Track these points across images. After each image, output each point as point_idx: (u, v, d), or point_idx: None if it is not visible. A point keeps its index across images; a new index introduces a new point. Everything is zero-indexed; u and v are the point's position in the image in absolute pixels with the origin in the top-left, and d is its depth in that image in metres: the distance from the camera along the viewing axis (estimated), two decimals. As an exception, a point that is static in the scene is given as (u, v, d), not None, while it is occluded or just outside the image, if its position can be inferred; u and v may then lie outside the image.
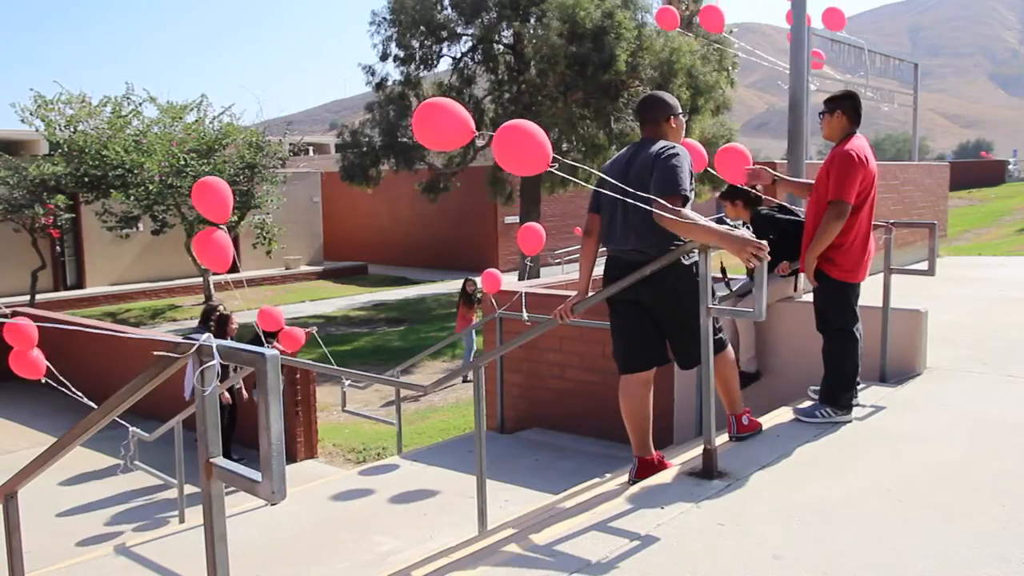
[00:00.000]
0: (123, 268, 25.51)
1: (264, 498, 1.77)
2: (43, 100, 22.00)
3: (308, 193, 29.89)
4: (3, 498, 2.98)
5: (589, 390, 7.18)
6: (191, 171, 21.53)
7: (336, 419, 10.58)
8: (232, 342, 1.86)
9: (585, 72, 18.54)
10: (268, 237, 23.64)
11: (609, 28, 18.36)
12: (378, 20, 20.90)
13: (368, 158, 21.07)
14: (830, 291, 4.58)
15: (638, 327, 4.11)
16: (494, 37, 20.73)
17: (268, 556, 5.03)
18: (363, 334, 18.12)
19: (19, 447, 8.88)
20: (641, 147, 4.07)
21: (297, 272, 28.47)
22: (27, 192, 21.17)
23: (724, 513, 3.43)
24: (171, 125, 23.29)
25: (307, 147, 33.97)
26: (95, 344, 10.81)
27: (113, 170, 21.22)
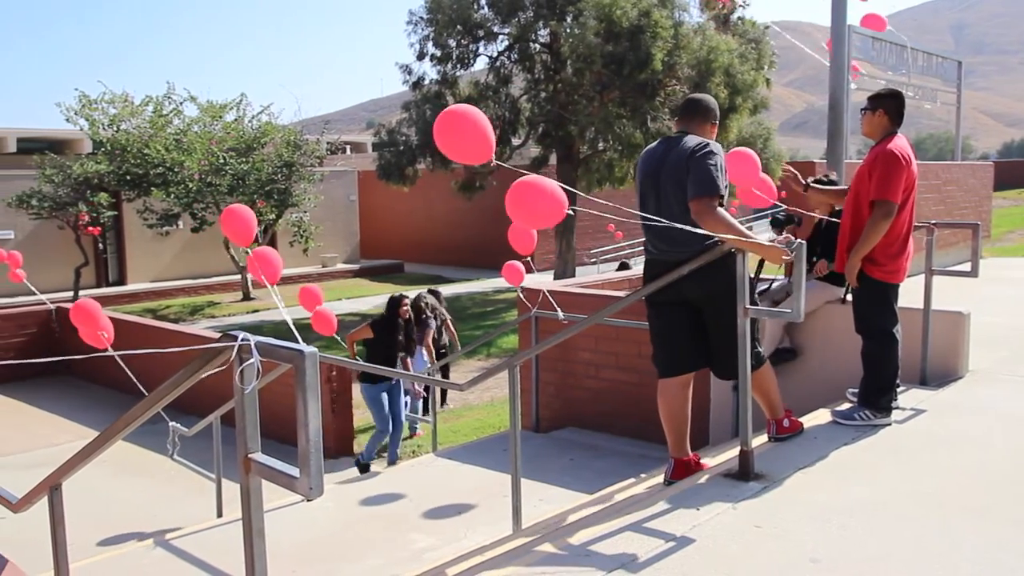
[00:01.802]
0: (163, 265, 25.87)
1: (302, 494, 1.78)
2: (87, 100, 22.38)
3: (345, 192, 30.10)
4: (48, 490, 3.03)
5: (624, 390, 7.15)
6: (230, 169, 21.79)
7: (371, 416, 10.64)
8: (274, 340, 1.88)
9: (621, 71, 18.47)
10: (305, 235, 23.84)
11: (645, 27, 18.27)
12: (415, 20, 20.99)
13: (404, 157, 21.16)
14: (871, 292, 4.52)
15: (678, 329, 4.09)
16: (530, 36, 20.72)
17: (303, 552, 5.07)
18: (399, 332, 18.20)
19: (62, 440, 9.04)
20: (674, 142, 4.04)
21: (333, 270, 28.68)
22: (71, 190, 21.55)
23: (761, 515, 3.40)
24: (211, 124, 23.59)
25: (344, 146, 34.23)
26: (138, 339, 10.97)
27: (154, 168, 21.53)
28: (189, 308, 22.60)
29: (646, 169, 4.01)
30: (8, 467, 7.82)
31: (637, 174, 4.10)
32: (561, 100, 20.20)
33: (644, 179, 4.07)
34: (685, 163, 3.87)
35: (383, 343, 8.23)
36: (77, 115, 22.36)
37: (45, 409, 10.54)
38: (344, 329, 7.97)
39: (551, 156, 21.98)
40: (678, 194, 3.89)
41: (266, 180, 22.35)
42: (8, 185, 22.32)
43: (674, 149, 3.98)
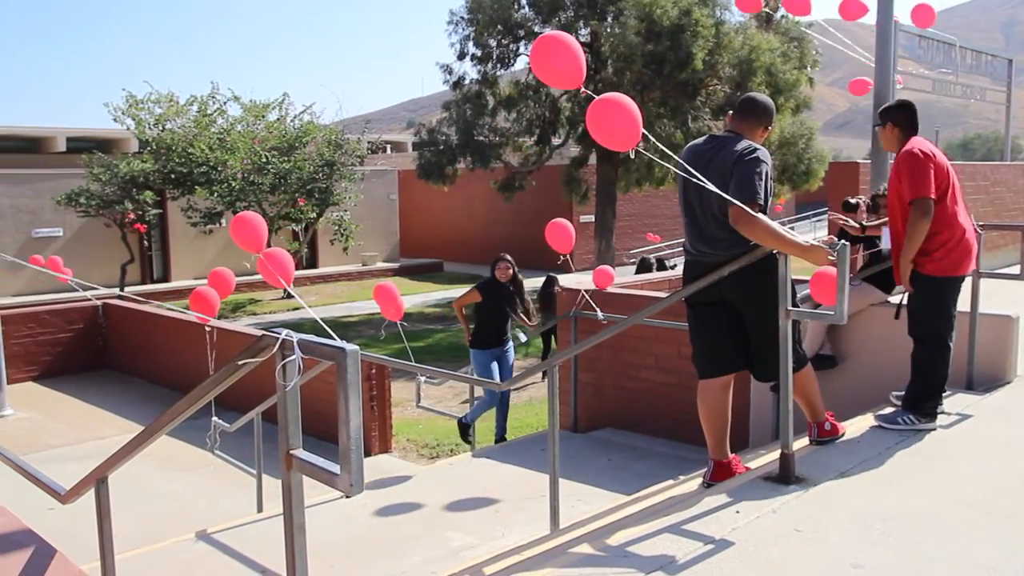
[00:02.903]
0: (206, 262, 26.20)
1: (342, 490, 1.80)
2: (134, 100, 22.77)
3: (385, 191, 30.27)
4: (95, 482, 3.09)
5: (664, 391, 7.12)
6: (272, 168, 22.03)
7: (410, 414, 10.70)
8: (315, 337, 1.90)
9: (662, 71, 18.37)
10: (345, 234, 24.02)
11: (686, 26, 18.15)
12: (456, 19, 21.05)
13: (445, 156, 21.24)
14: (923, 289, 4.44)
15: (718, 330, 4.06)
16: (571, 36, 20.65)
17: (341, 548, 5.11)
18: (438, 331, 18.29)
19: (108, 434, 9.20)
20: (722, 142, 4.01)
21: (373, 269, 28.86)
22: (118, 188, 21.94)
23: (802, 519, 3.36)
24: (254, 123, 23.88)
25: (385, 145, 34.46)
26: (181, 335, 11.14)
27: (198, 167, 21.84)
28: (231, 305, 22.87)
29: (692, 165, 3.99)
30: (56, 459, 7.97)
31: (680, 173, 4.07)
32: (601, 100, 20.11)
33: (687, 179, 4.04)
34: (731, 166, 3.83)
35: (491, 306, 8.27)
36: (124, 115, 22.77)
37: (91, 403, 10.73)
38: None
39: (591, 156, 21.93)
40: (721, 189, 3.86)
41: (307, 179, 22.56)
42: (57, 184, 22.77)
43: (722, 149, 3.95)
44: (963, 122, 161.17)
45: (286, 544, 1.99)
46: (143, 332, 12.11)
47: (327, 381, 6.08)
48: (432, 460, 8.65)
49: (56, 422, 9.98)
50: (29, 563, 2.13)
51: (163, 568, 5.07)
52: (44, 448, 8.70)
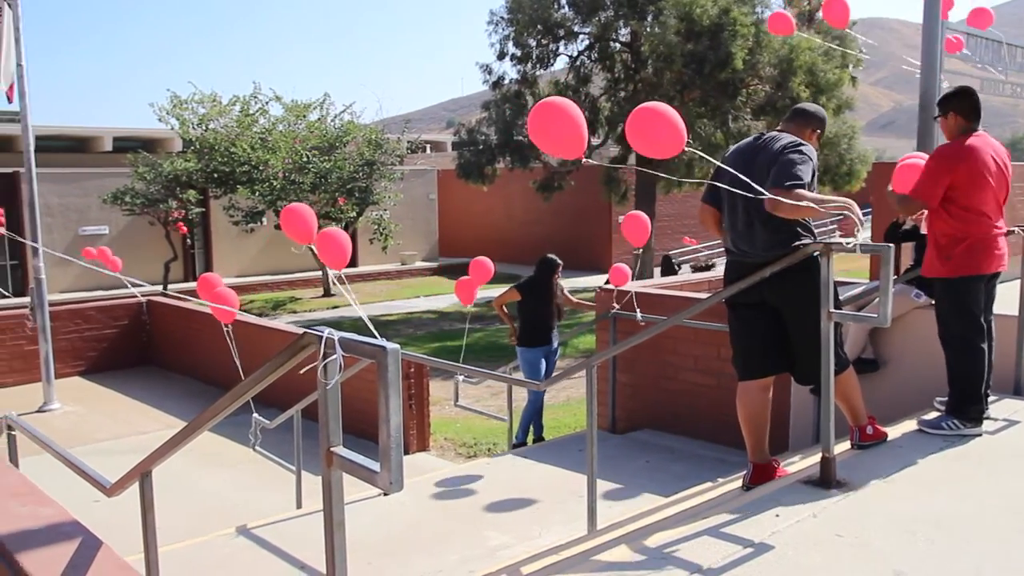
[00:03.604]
0: (248, 261, 26.52)
1: (382, 488, 1.81)
2: (178, 100, 23.10)
3: (424, 190, 30.40)
4: (139, 476, 3.14)
5: (703, 392, 7.07)
6: (313, 168, 22.22)
7: (448, 413, 10.74)
8: (356, 336, 1.91)
9: (702, 70, 18.25)
10: (385, 233, 24.16)
11: (725, 25, 18.01)
12: (496, 19, 21.09)
13: (484, 156, 21.29)
14: (943, 292, 4.40)
15: (759, 332, 4.03)
16: (611, 35, 20.62)
17: (379, 545, 5.14)
18: (475, 330, 18.33)
19: (151, 429, 9.34)
20: (766, 139, 3.98)
21: (412, 268, 29.01)
22: (162, 187, 22.28)
23: (843, 524, 3.32)
24: (295, 123, 24.11)
25: (424, 145, 34.62)
26: (221, 332, 11.26)
27: (240, 166, 22.10)
28: (272, 303, 23.12)
29: (735, 167, 3.96)
30: (101, 453, 8.12)
31: (722, 172, 4.03)
32: (641, 100, 20.00)
33: (733, 178, 4.01)
34: (774, 159, 3.80)
35: (536, 305, 8.26)
36: (168, 115, 23.11)
37: (135, 398, 10.91)
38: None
39: (630, 156, 21.84)
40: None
41: (348, 178, 22.73)
42: (104, 182, 23.18)
43: (765, 147, 3.92)
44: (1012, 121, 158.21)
45: (326, 540, 2.01)
46: (185, 329, 12.28)
47: (366, 379, 6.12)
48: (470, 459, 8.67)
49: (101, 416, 10.16)
50: (76, 554, 2.17)
51: (204, 562, 5.14)
52: (89, 441, 8.86)
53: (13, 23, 9.77)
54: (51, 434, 4.44)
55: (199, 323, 11.92)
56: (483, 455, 8.75)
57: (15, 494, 2.65)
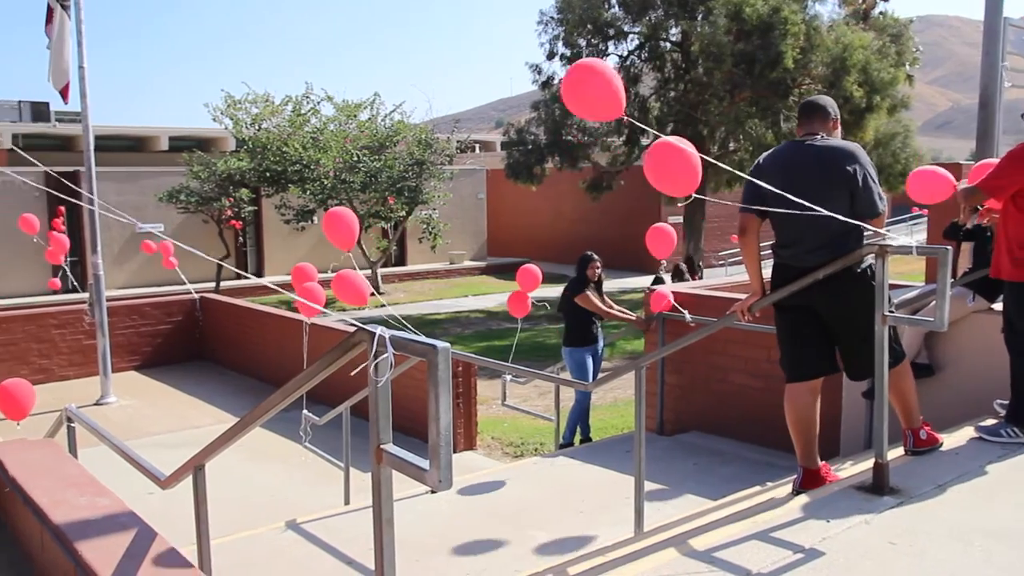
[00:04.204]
0: (298, 259, 26.78)
1: (431, 486, 1.82)
2: (232, 100, 23.47)
3: (473, 190, 30.51)
4: (193, 470, 3.20)
5: (752, 395, 6.99)
6: (363, 167, 22.43)
7: (495, 413, 10.76)
8: (407, 334, 1.93)
9: (752, 70, 18.06)
10: (434, 232, 24.30)
11: (776, 24, 17.80)
12: (545, 19, 21.08)
13: (533, 156, 21.30)
14: (1014, 296, 4.28)
15: (807, 334, 3.98)
16: (661, 35, 20.50)
17: (425, 543, 5.17)
18: (523, 330, 18.34)
19: (204, 423, 9.51)
20: (815, 146, 3.93)
21: (460, 267, 29.12)
22: (215, 186, 22.66)
23: (896, 532, 3.26)
24: (346, 123, 24.35)
25: (474, 144, 34.72)
26: (272, 329, 11.43)
27: (292, 165, 22.39)
28: (322, 301, 23.34)
29: (787, 174, 3.91)
30: (156, 446, 8.28)
31: (769, 179, 3.99)
32: (691, 99, 19.91)
33: (781, 185, 3.96)
34: (853, 171, 3.80)
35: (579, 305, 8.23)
36: (223, 115, 23.49)
37: (188, 393, 11.11)
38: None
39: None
40: (826, 199, 3.78)
41: (397, 177, 22.90)
42: (159, 181, 23.64)
43: (814, 151, 3.88)
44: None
45: (375, 536, 2.03)
46: (237, 326, 12.47)
47: (413, 377, 6.16)
48: (516, 458, 8.68)
49: (155, 410, 10.36)
50: (132, 544, 2.22)
51: (254, 554, 5.21)
52: (144, 435, 9.04)
53: (76, 26, 10.01)
54: (107, 427, 4.54)
55: (251, 320, 12.11)
56: (530, 455, 8.75)
57: (74, 484, 2.71)
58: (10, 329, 11.58)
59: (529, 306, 7.78)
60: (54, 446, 3.26)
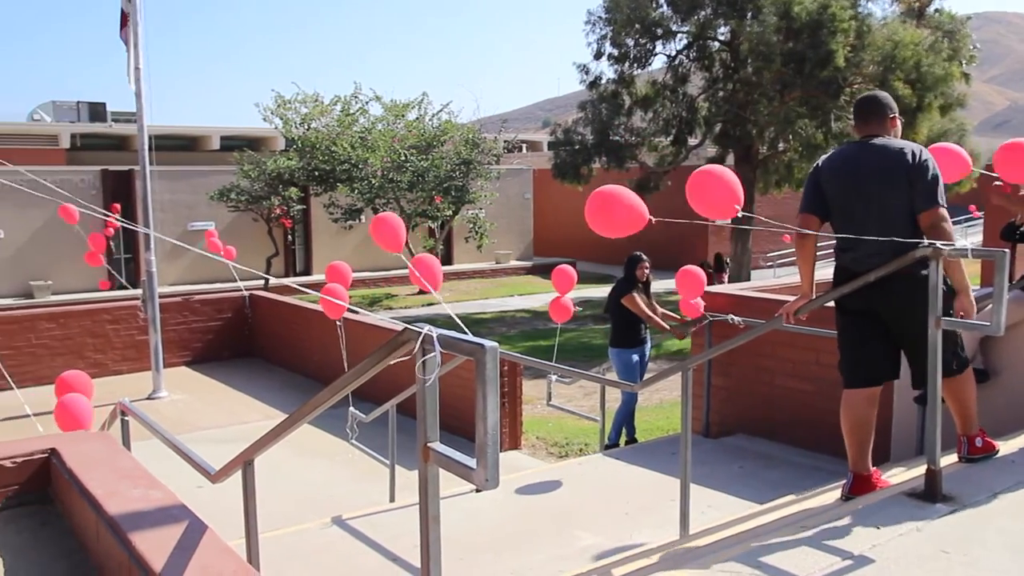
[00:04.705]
0: (345, 257, 26.99)
1: (478, 485, 1.82)
2: (282, 100, 23.77)
3: (520, 190, 30.52)
4: (242, 464, 3.24)
5: (800, 398, 6.90)
6: (410, 166, 22.56)
7: (540, 412, 10.76)
8: (455, 333, 1.93)
9: (802, 69, 17.81)
10: (480, 232, 24.36)
11: (824, 21, 17.53)
12: (593, 19, 21.01)
13: (580, 156, 21.24)
14: None
15: (869, 339, 3.90)
16: (709, 34, 20.33)
17: (470, 541, 5.18)
18: (568, 330, 18.31)
19: (252, 419, 9.64)
20: (875, 148, 3.87)
21: (507, 267, 29.15)
22: (265, 185, 22.97)
23: (949, 541, 3.20)
24: (394, 122, 24.52)
25: (521, 144, 34.76)
26: (320, 327, 11.55)
27: (340, 165, 22.61)
28: (368, 299, 23.56)
29: (844, 176, 3.86)
30: (205, 440, 8.41)
31: (831, 181, 3.94)
32: (740, 99, 19.71)
33: (843, 187, 3.90)
34: (906, 171, 3.72)
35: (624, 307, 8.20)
36: (273, 114, 23.80)
37: (237, 388, 11.28)
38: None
39: (728, 156, 21.50)
40: (889, 202, 3.72)
41: (444, 177, 23.00)
42: (211, 180, 24.02)
43: (880, 153, 3.82)
44: None
45: (421, 534, 2.04)
46: (285, 323, 12.63)
47: (459, 376, 6.18)
48: (561, 459, 8.67)
49: (205, 405, 10.53)
50: (184, 536, 2.25)
51: (301, 549, 5.27)
52: (194, 429, 9.20)
53: (132, 28, 10.22)
54: (159, 421, 4.62)
55: (299, 318, 12.25)
56: (574, 455, 8.74)
57: (128, 476, 2.76)
58: (67, 324, 11.85)
59: (571, 311, 7.76)
60: (109, 439, 3.32)
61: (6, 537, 2.79)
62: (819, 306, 4.06)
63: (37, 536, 2.80)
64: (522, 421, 9.13)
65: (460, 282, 26.70)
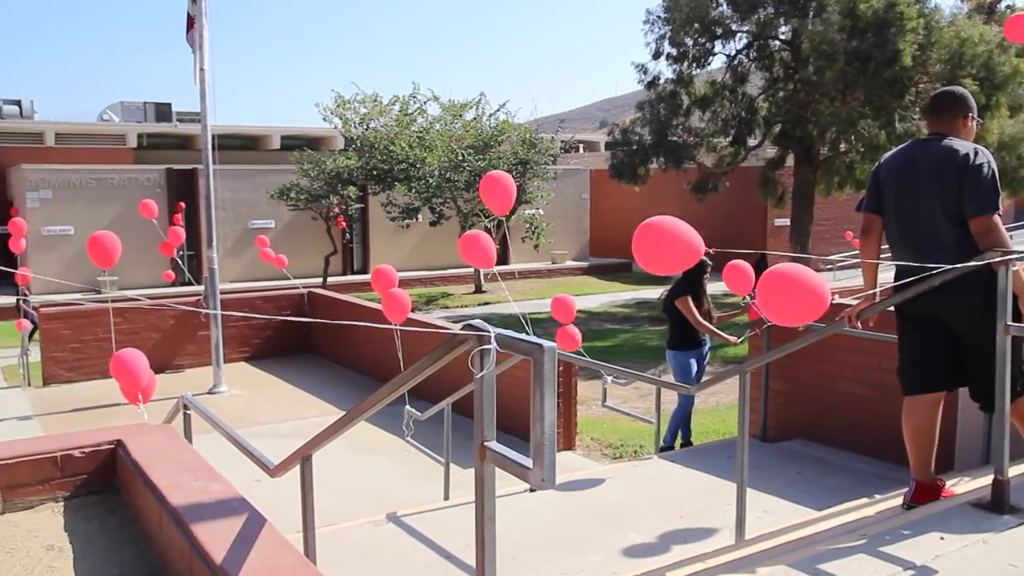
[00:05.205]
0: (403, 256, 27.32)
1: (534, 484, 1.83)
2: (342, 100, 24.05)
3: (577, 190, 30.47)
4: (300, 460, 3.29)
5: (860, 404, 6.77)
6: (467, 166, 22.66)
7: (595, 413, 10.71)
8: (513, 333, 1.94)
9: (866, 68, 17.46)
10: (536, 232, 24.37)
11: (892, 19, 17.16)
12: (652, 18, 20.89)
13: (637, 156, 21.12)
14: None
15: (929, 345, 3.80)
16: (770, 33, 20.06)
17: (523, 540, 5.18)
18: (624, 331, 18.23)
19: (309, 414, 9.77)
20: (933, 147, 3.77)
21: (563, 267, 29.12)
22: (324, 184, 23.26)
23: (1017, 553, 3.11)
24: (451, 122, 24.65)
25: (578, 144, 34.68)
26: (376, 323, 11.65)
27: (398, 164, 22.80)
28: (425, 298, 23.71)
29: (901, 175, 3.77)
30: (263, 435, 8.54)
31: (888, 180, 3.85)
32: (800, 99, 19.41)
33: (899, 186, 3.81)
34: (957, 173, 3.60)
35: None
36: (332, 114, 24.09)
37: (294, 384, 11.43)
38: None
39: (788, 157, 21.19)
40: (946, 203, 3.63)
41: (499, 178, 23.06)
42: (271, 179, 24.41)
43: (936, 154, 3.71)
44: None
45: (476, 532, 2.05)
46: (343, 320, 12.76)
47: (513, 376, 6.19)
48: (615, 460, 8.63)
49: (263, 400, 10.70)
50: (243, 528, 2.29)
51: (356, 545, 5.32)
52: (252, 424, 9.35)
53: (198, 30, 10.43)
54: (219, 415, 4.70)
55: (354, 316, 12.38)
56: (629, 457, 8.69)
57: (190, 469, 2.82)
58: (132, 319, 12.14)
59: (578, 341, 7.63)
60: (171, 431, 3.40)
61: (76, 524, 2.87)
62: (882, 310, 3.97)
63: (104, 524, 2.88)
64: (576, 422, 9.11)
65: (516, 281, 26.74)
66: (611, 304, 22.47)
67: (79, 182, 23.29)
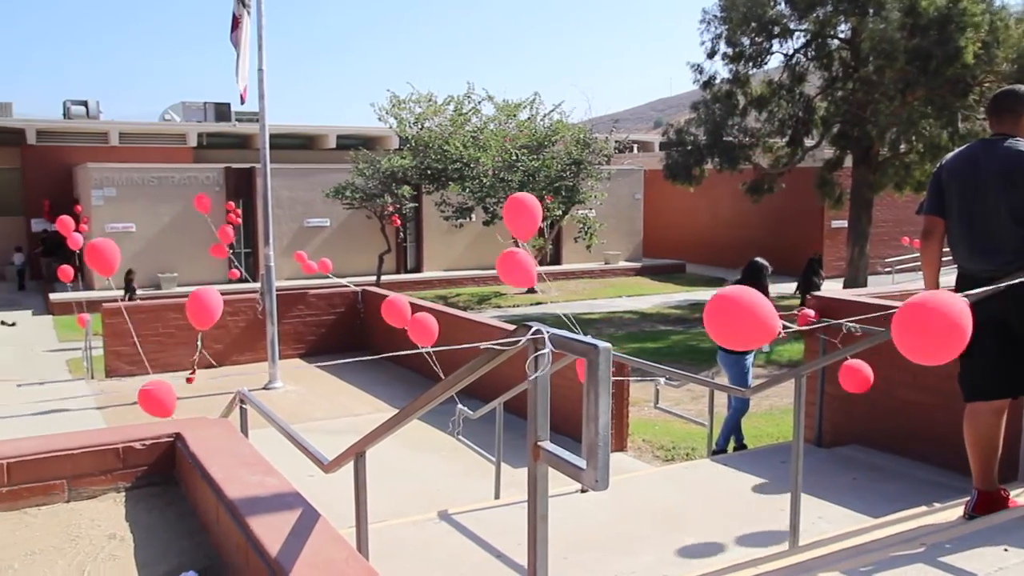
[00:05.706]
0: (456, 255, 27.43)
1: (587, 485, 1.82)
2: (397, 100, 24.24)
3: (630, 190, 30.31)
4: (354, 456, 3.33)
5: (919, 410, 6.63)
6: (521, 166, 22.69)
7: (647, 415, 10.65)
8: (568, 333, 1.94)
9: (927, 67, 17.09)
10: (590, 232, 24.30)
11: (954, 16, 16.76)
12: (708, 18, 20.71)
13: (692, 157, 20.96)
14: None
15: (994, 351, 3.71)
16: (829, 32, 19.75)
17: (575, 540, 5.17)
18: (677, 332, 18.09)
19: (362, 412, 9.87)
20: (996, 146, 3.68)
21: (615, 267, 29.00)
22: (379, 183, 23.47)
23: (1082, 565, 3.02)
24: (505, 122, 24.69)
25: (632, 144, 34.50)
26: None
27: (452, 164, 22.91)
28: (477, 297, 23.78)
29: (964, 176, 3.68)
30: (317, 431, 8.65)
31: (950, 182, 3.77)
32: (859, 99, 19.08)
33: (963, 187, 3.73)
34: (1014, 170, 3.51)
35: None
36: (387, 114, 24.30)
37: (348, 381, 11.56)
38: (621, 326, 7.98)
39: (846, 158, 20.83)
40: (1012, 205, 3.54)
41: (555, 177, 23.04)
42: (327, 178, 24.70)
43: (1000, 154, 3.62)
44: None
45: (528, 532, 2.05)
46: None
47: (565, 376, 6.18)
48: (667, 462, 8.58)
49: (317, 397, 10.84)
50: (297, 523, 2.33)
51: (408, 541, 5.36)
52: (306, 420, 9.48)
53: (256, 30, 10.59)
54: (274, 410, 4.77)
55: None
56: (681, 459, 8.63)
57: (246, 463, 2.87)
58: (190, 315, 12.37)
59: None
60: (228, 425, 3.46)
61: (136, 514, 2.94)
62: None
63: (164, 515, 2.94)
64: (628, 423, 9.07)
65: (568, 282, 26.69)
66: (664, 305, 22.32)
67: (141, 180, 23.81)
